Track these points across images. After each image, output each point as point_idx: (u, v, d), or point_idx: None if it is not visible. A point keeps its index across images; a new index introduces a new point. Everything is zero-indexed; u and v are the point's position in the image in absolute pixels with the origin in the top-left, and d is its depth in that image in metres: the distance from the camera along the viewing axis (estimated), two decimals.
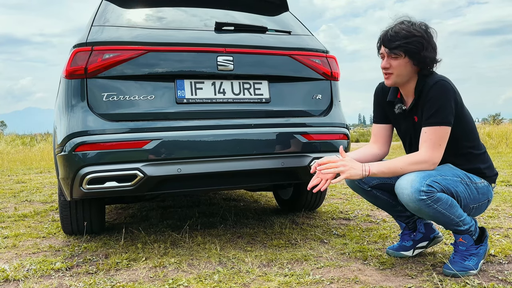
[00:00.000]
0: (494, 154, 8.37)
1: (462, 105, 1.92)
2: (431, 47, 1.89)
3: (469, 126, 1.95)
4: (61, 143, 2.17)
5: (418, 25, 1.90)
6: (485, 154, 2.00)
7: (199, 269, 2.07)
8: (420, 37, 1.87)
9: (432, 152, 1.84)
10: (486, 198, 1.98)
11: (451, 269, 1.88)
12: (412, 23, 1.91)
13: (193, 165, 2.22)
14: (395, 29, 1.90)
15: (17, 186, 5.54)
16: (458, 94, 1.91)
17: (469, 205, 1.93)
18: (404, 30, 1.88)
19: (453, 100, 1.86)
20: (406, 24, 1.90)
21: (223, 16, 2.69)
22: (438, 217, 1.84)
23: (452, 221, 1.87)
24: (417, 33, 1.87)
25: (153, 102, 2.25)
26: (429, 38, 1.89)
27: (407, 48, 1.88)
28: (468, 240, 1.92)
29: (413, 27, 1.89)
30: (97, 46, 2.21)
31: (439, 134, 1.84)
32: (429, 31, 1.91)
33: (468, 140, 1.95)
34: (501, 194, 3.82)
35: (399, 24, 1.92)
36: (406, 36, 1.87)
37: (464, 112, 1.93)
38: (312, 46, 2.64)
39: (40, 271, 2.09)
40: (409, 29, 1.87)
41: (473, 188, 1.92)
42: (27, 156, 10.73)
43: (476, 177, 1.95)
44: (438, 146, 1.84)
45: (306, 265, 2.09)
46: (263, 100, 2.44)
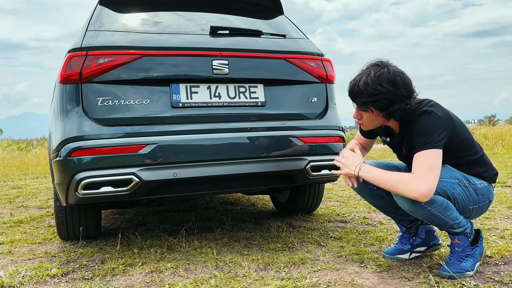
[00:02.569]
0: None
1: (453, 124, 1.87)
2: (401, 97, 1.82)
3: (464, 138, 1.92)
4: (56, 148, 2.16)
5: (385, 77, 1.80)
6: (482, 157, 1.99)
7: (196, 274, 2.06)
8: (387, 93, 1.80)
9: (421, 177, 1.74)
10: (487, 199, 1.97)
11: (448, 271, 1.88)
12: (380, 75, 1.81)
13: (189, 169, 2.21)
14: (361, 83, 1.84)
15: (12, 192, 5.51)
16: (446, 116, 1.84)
17: (468, 207, 1.93)
18: (370, 87, 1.81)
19: (441, 125, 1.80)
20: (373, 77, 1.82)
21: (218, 20, 2.69)
22: (432, 219, 1.85)
23: (446, 224, 1.88)
24: (384, 90, 1.80)
25: (149, 107, 2.24)
26: (397, 90, 1.81)
27: (375, 105, 1.85)
28: (464, 241, 1.92)
29: (380, 80, 1.80)
30: (92, 51, 2.21)
31: (429, 158, 1.75)
32: (398, 80, 1.81)
33: (465, 150, 1.93)
34: (497, 195, 3.83)
35: (365, 76, 1.84)
36: (373, 93, 1.82)
37: (457, 129, 1.88)
38: (307, 49, 2.65)
39: (36, 277, 2.08)
40: (375, 86, 1.80)
41: (472, 189, 1.92)
42: (23, 162, 10.68)
43: (475, 178, 1.94)
44: (428, 170, 1.74)
45: (303, 269, 2.08)
46: (259, 104, 2.44)
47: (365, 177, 1.88)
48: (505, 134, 10.38)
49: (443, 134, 1.80)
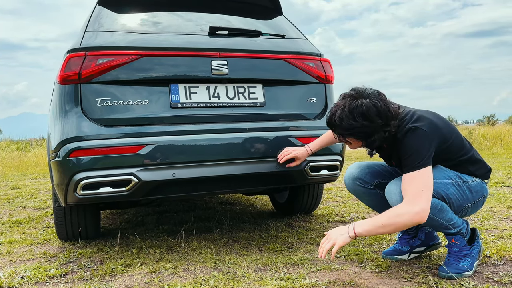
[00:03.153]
0: (489, 155, 8.40)
1: (441, 132, 1.85)
2: (378, 127, 1.81)
3: (453, 141, 1.90)
4: (55, 148, 2.16)
5: (358, 111, 1.78)
6: (473, 155, 1.98)
7: (195, 274, 2.06)
8: (361, 126, 1.80)
9: (412, 201, 1.73)
10: (481, 196, 1.98)
11: (447, 271, 1.88)
12: (353, 109, 1.79)
13: (188, 169, 2.21)
14: (337, 118, 1.84)
15: (12, 192, 5.50)
16: (432, 127, 1.82)
17: (463, 205, 1.93)
18: (344, 122, 1.82)
19: (428, 140, 1.79)
20: (346, 111, 1.80)
21: (217, 20, 2.69)
22: (427, 221, 1.84)
23: (441, 225, 1.88)
24: (357, 124, 1.79)
25: (148, 107, 2.24)
26: (371, 122, 1.79)
27: (353, 136, 1.86)
28: (461, 241, 1.93)
29: (354, 115, 1.79)
30: (90, 51, 2.21)
31: (420, 179, 1.75)
32: (372, 113, 1.78)
33: (455, 152, 1.93)
34: (496, 195, 3.84)
35: (340, 110, 1.82)
36: (348, 128, 1.83)
37: (445, 135, 1.87)
38: (306, 50, 2.65)
39: (35, 278, 2.08)
40: (349, 121, 1.80)
41: (465, 188, 1.92)
42: (22, 162, 10.67)
43: (468, 176, 1.94)
44: (421, 191, 1.73)
45: (302, 269, 2.08)
46: (258, 104, 2.44)
47: (363, 233, 1.79)
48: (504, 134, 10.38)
49: (432, 148, 1.80)
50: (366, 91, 1.84)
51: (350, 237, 1.80)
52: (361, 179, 2.14)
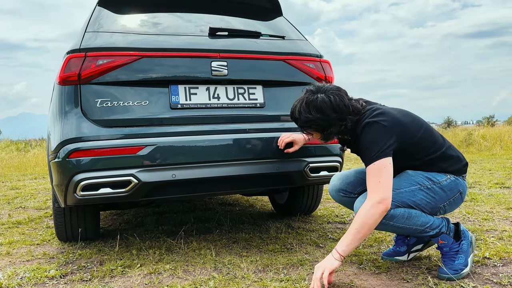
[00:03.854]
0: (488, 156, 8.41)
1: (404, 127, 1.86)
2: (333, 121, 1.89)
3: (421, 137, 1.90)
4: (55, 149, 2.15)
5: (314, 105, 1.88)
6: (446, 151, 1.96)
7: (195, 275, 2.06)
8: (317, 119, 1.90)
9: (375, 192, 1.76)
10: (457, 192, 1.95)
11: (445, 273, 1.89)
12: (310, 102, 1.90)
13: (187, 170, 2.21)
14: (297, 111, 1.95)
15: (11, 193, 5.50)
16: (393, 121, 1.84)
17: (437, 206, 1.92)
18: (302, 115, 1.93)
19: (386, 134, 1.81)
20: (304, 105, 1.92)
21: (217, 21, 2.69)
22: (400, 231, 1.87)
23: (417, 231, 1.88)
24: (313, 117, 1.90)
25: (147, 108, 2.24)
26: (326, 115, 1.88)
27: (311, 128, 1.97)
28: (447, 240, 1.93)
29: (310, 108, 1.89)
30: (90, 52, 2.21)
31: (377, 172, 1.78)
32: (325, 106, 1.87)
33: (423, 150, 1.92)
34: (495, 196, 3.84)
35: (299, 104, 1.94)
36: (305, 121, 1.94)
37: (410, 130, 1.88)
38: (306, 51, 2.65)
39: (34, 279, 2.08)
40: (305, 114, 1.91)
41: (437, 188, 1.90)
42: (21, 162, 10.66)
43: (439, 175, 1.92)
44: (378, 183, 1.76)
45: (302, 270, 2.08)
46: (258, 105, 2.44)
47: (346, 248, 1.79)
48: (504, 135, 10.39)
49: (390, 141, 1.81)
50: (325, 87, 1.94)
51: (336, 259, 1.80)
52: (344, 190, 2.16)
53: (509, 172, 5.58)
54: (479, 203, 3.57)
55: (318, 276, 1.77)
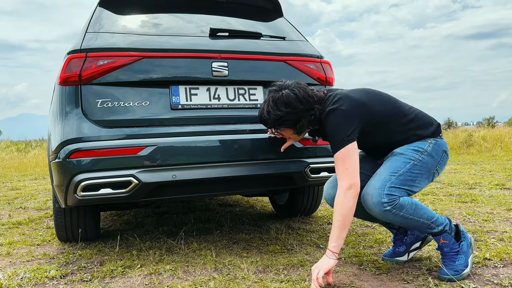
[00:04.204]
0: (489, 157, 8.41)
1: (366, 108, 1.91)
2: (302, 112, 1.96)
3: (386, 112, 1.95)
4: (55, 150, 2.15)
5: (281, 101, 1.95)
6: (415, 118, 2.00)
7: (195, 276, 2.06)
8: (286, 114, 1.96)
9: (343, 179, 1.84)
10: (442, 153, 1.99)
11: (446, 273, 1.89)
12: (276, 100, 1.96)
13: (188, 171, 2.21)
14: (265, 112, 2.01)
15: (11, 193, 5.50)
16: (353, 104, 1.89)
17: (431, 172, 1.96)
18: (271, 114, 1.98)
19: (347, 119, 1.87)
20: (271, 104, 1.97)
21: (217, 22, 2.69)
22: (407, 223, 1.88)
23: (423, 224, 1.90)
24: (282, 113, 1.96)
25: (148, 108, 2.24)
26: (294, 108, 1.95)
27: (283, 125, 2.03)
28: (449, 239, 1.94)
29: (278, 105, 1.96)
30: (91, 52, 2.21)
31: (342, 159, 1.85)
32: (292, 100, 1.94)
33: (393, 122, 1.97)
34: (496, 197, 3.84)
35: (266, 105, 2.00)
36: (275, 119, 1.99)
37: (374, 108, 1.93)
38: (306, 52, 2.65)
39: (34, 279, 2.08)
40: (274, 112, 1.97)
41: (426, 156, 1.94)
42: (21, 163, 10.67)
43: (421, 143, 1.96)
44: (345, 170, 1.84)
45: (302, 271, 2.08)
46: (258, 106, 2.44)
47: (335, 244, 1.84)
48: (504, 136, 10.39)
49: (353, 126, 1.87)
50: (286, 83, 2.02)
51: (330, 258, 1.84)
52: None
53: (509, 173, 5.57)
54: (479, 204, 3.57)
55: (314, 277, 1.80)
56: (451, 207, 3.51)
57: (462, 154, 9.62)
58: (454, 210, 3.38)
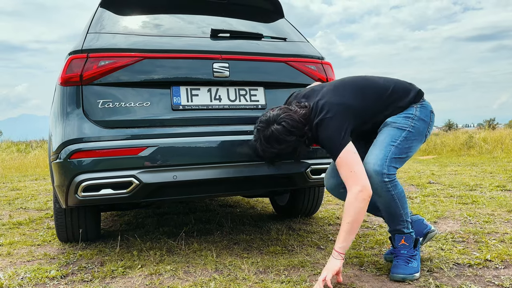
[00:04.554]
0: (489, 159, 8.41)
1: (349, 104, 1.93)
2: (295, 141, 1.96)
3: (368, 98, 1.98)
4: (56, 150, 2.16)
5: (273, 139, 1.95)
6: (393, 91, 2.02)
7: (195, 277, 2.06)
8: (281, 149, 1.98)
9: (352, 182, 1.84)
10: (430, 113, 2.04)
11: (401, 273, 1.92)
12: (267, 138, 1.95)
13: (189, 172, 2.21)
14: (260, 152, 2.02)
15: (12, 193, 5.50)
16: (336, 109, 1.91)
17: (424, 133, 2.01)
18: (267, 152, 2.00)
19: (336, 124, 1.89)
20: (264, 143, 1.97)
21: (218, 23, 2.70)
22: (390, 207, 1.92)
23: (400, 216, 1.95)
24: (276, 150, 1.97)
25: (149, 109, 2.24)
26: (287, 142, 1.95)
27: (283, 156, 2.06)
28: (410, 243, 1.99)
29: (271, 143, 1.96)
30: (92, 53, 2.21)
31: (345, 163, 1.86)
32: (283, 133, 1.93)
33: (376, 105, 1.99)
34: (496, 199, 3.84)
35: (259, 145, 2.00)
36: (273, 155, 2.03)
37: (356, 101, 1.95)
38: (307, 53, 2.66)
39: (35, 279, 2.08)
40: (269, 150, 1.98)
41: (417, 121, 1.98)
42: (22, 163, 10.66)
43: (409, 109, 2.00)
44: (350, 173, 1.85)
45: (303, 272, 2.08)
46: (259, 107, 2.45)
47: (343, 244, 1.87)
48: (505, 138, 10.38)
49: (344, 128, 1.89)
50: (271, 116, 1.97)
51: (336, 258, 1.86)
52: (341, 183, 2.13)
53: (510, 175, 5.57)
54: (480, 206, 3.57)
55: (322, 279, 1.81)
56: (451, 209, 3.50)
57: (462, 156, 9.61)
58: (455, 212, 3.38)
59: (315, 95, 2.04)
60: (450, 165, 7.49)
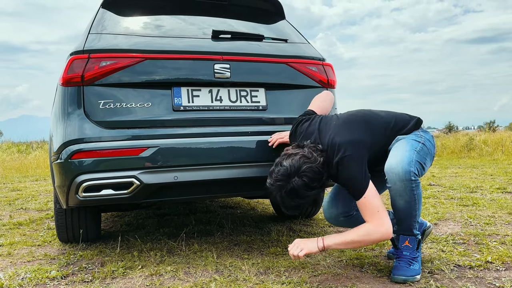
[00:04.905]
0: (490, 161, 8.40)
1: (365, 141, 1.94)
2: (317, 192, 1.94)
3: (377, 133, 2.01)
4: (57, 150, 2.16)
5: (294, 194, 1.88)
6: (396, 122, 2.06)
7: (196, 277, 2.06)
8: (304, 202, 1.94)
9: (376, 222, 1.86)
10: (431, 137, 2.08)
11: (403, 275, 1.92)
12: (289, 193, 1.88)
13: (189, 172, 2.21)
14: (281, 202, 1.94)
15: (12, 194, 5.50)
16: (354, 146, 1.91)
17: (432, 155, 2.05)
18: (292, 204, 1.93)
19: (357, 162, 1.89)
20: (286, 197, 1.89)
21: (220, 24, 2.70)
22: (410, 205, 1.91)
23: (414, 217, 1.96)
24: (301, 202, 1.92)
25: (150, 110, 2.24)
26: (309, 194, 1.90)
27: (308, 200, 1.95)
28: (413, 245, 1.99)
29: (292, 198, 1.89)
30: (94, 53, 2.21)
31: (369, 203, 1.87)
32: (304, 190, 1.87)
33: (383, 136, 2.02)
34: (497, 201, 3.83)
35: (280, 195, 1.91)
36: (297, 206, 1.97)
37: (370, 136, 1.97)
38: (308, 54, 2.66)
39: (35, 279, 2.07)
40: (292, 201, 1.91)
41: (425, 140, 2.02)
42: (22, 164, 10.66)
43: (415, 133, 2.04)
44: (377, 213, 1.86)
45: (303, 273, 2.08)
46: (260, 108, 2.45)
47: (332, 245, 1.92)
48: (505, 140, 10.37)
49: (364, 164, 1.90)
50: (291, 168, 1.87)
51: (318, 247, 1.91)
52: (342, 212, 2.15)
53: (510, 177, 5.57)
54: (481, 208, 3.56)
55: (295, 254, 1.91)
56: (452, 210, 3.50)
57: (463, 158, 9.61)
58: (456, 214, 3.37)
59: (326, 131, 2.03)
60: (451, 167, 7.49)
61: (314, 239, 1.94)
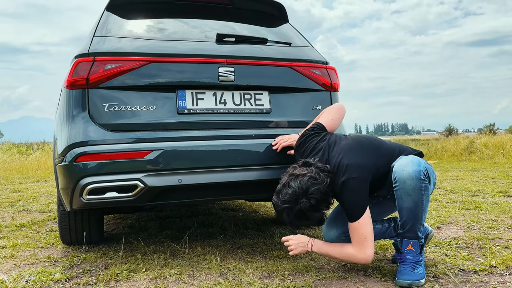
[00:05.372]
0: (491, 164, 8.40)
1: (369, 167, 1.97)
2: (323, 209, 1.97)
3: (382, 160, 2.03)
4: (61, 153, 2.16)
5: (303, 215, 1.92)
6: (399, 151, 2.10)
7: (200, 281, 2.06)
8: (312, 222, 2.00)
9: (360, 248, 1.95)
10: (431, 167, 2.08)
11: (408, 279, 1.92)
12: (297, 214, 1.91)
13: (194, 175, 2.21)
14: (288, 222, 1.99)
15: (13, 196, 5.50)
16: (359, 170, 1.94)
17: (434, 179, 2.09)
18: (301, 224, 2.02)
19: (360, 186, 1.93)
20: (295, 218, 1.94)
21: (224, 27, 2.71)
22: (418, 206, 1.93)
23: (420, 219, 1.97)
24: (310, 222, 2.00)
25: (154, 113, 2.25)
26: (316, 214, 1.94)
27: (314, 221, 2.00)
28: (416, 248, 1.99)
29: (300, 218, 1.93)
30: (99, 56, 2.22)
31: (360, 228, 1.93)
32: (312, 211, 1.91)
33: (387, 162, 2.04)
34: (499, 205, 3.83)
35: (287, 214, 1.94)
36: (301, 226, 2.10)
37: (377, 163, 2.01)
38: (312, 57, 2.66)
39: (40, 282, 2.07)
40: (301, 222, 1.98)
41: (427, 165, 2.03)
42: (23, 165, 10.67)
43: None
44: (363, 240, 1.93)
45: (307, 277, 2.08)
46: (264, 111, 2.45)
47: (318, 252, 2.08)
48: (506, 143, 10.37)
49: (365, 189, 1.95)
50: (299, 189, 1.89)
51: (307, 250, 2.09)
52: (342, 233, 2.13)
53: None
54: (483, 212, 3.56)
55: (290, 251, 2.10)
56: (454, 214, 3.50)
57: (464, 161, 9.61)
58: (458, 217, 3.37)
59: (335, 151, 2.06)
60: (452, 170, 7.49)
61: (306, 241, 2.10)
